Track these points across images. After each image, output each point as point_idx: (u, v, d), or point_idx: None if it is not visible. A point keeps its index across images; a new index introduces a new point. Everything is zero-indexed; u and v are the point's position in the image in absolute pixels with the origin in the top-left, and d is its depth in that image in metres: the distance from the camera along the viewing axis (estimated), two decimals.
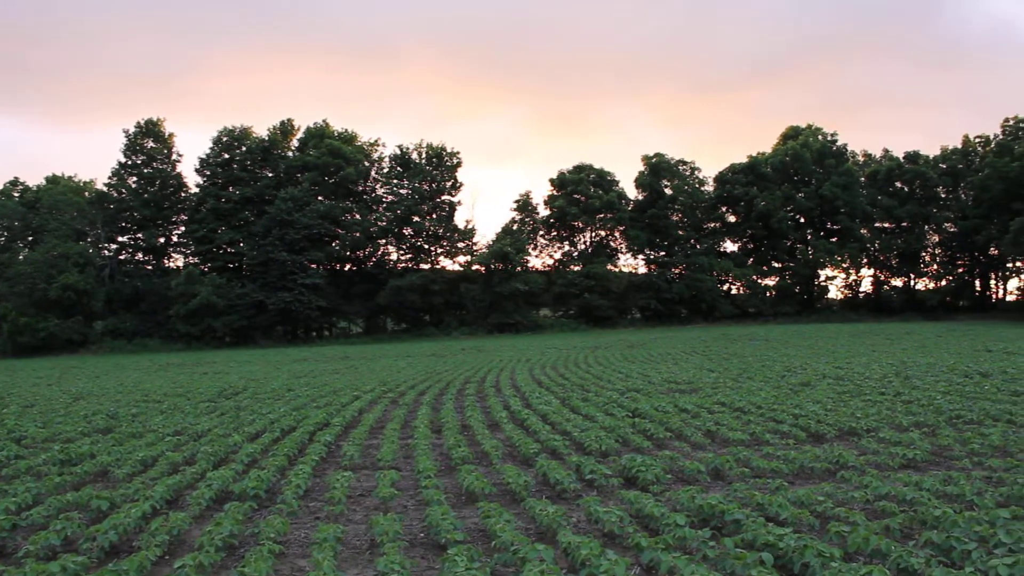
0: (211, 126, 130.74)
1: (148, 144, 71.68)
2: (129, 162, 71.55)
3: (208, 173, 72.38)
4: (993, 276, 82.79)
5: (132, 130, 71.14)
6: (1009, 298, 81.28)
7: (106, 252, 71.20)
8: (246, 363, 41.76)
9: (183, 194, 73.46)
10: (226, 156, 72.90)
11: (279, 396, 23.42)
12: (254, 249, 68.68)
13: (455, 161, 77.66)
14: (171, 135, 72.51)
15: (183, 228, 73.34)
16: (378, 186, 78.21)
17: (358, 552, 8.40)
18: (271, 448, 14.31)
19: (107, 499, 9.91)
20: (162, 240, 73.23)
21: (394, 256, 77.10)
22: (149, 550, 7.71)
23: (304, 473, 11.47)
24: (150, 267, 73.00)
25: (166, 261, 74.18)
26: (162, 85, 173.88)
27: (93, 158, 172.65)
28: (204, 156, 72.52)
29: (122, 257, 72.69)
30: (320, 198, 72.59)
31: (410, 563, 7.52)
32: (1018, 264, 76.06)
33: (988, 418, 14.47)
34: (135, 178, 71.64)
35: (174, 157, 72.91)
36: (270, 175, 74.46)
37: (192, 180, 73.60)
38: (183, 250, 74.13)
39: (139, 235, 71.83)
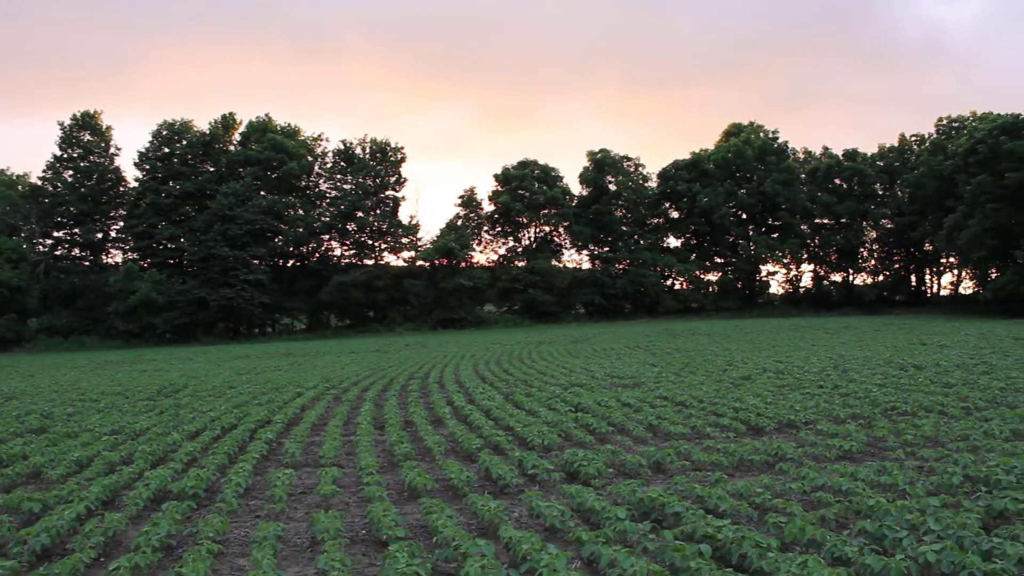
0: (151, 120, 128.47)
1: (85, 137, 70.12)
2: (65, 155, 69.83)
3: (148, 167, 70.96)
4: (928, 272, 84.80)
5: (68, 123, 69.52)
6: (943, 293, 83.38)
7: (41, 248, 69.49)
8: (187, 360, 41.15)
9: (122, 188, 71.95)
10: (166, 150, 71.61)
11: (220, 393, 23.12)
12: (195, 245, 67.58)
13: (399, 156, 77.33)
14: (109, 128, 71.01)
15: (122, 223, 71.77)
16: (321, 181, 77.48)
17: (299, 550, 8.34)
18: (211, 446, 14.13)
19: (39, 501, 9.69)
20: (100, 236, 71.61)
21: (337, 252, 76.53)
22: (83, 552, 7.57)
23: (245, 471, 11.36)
24: (87, 263, 71.39)
25: (104, 257, 72.63)
26: (100, 79, 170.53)
27: (27, 152, 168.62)
28: (143, 150, 71.15)
29: (58, 253, 70.85)
30: (262, 193, 71.74)
31: (351, 560, 7.50)
32: (951, 260, 77.88)
33: (921, 410, 14.81)
34: (71, 172, 69.95)
35: (112, 151, 71.40)
36: (211, 169, 73.24)
37: (131, 174, 72.25)
38: (122, 246, 72.62)
39: (75, 230, 70.07)
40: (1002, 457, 10.21)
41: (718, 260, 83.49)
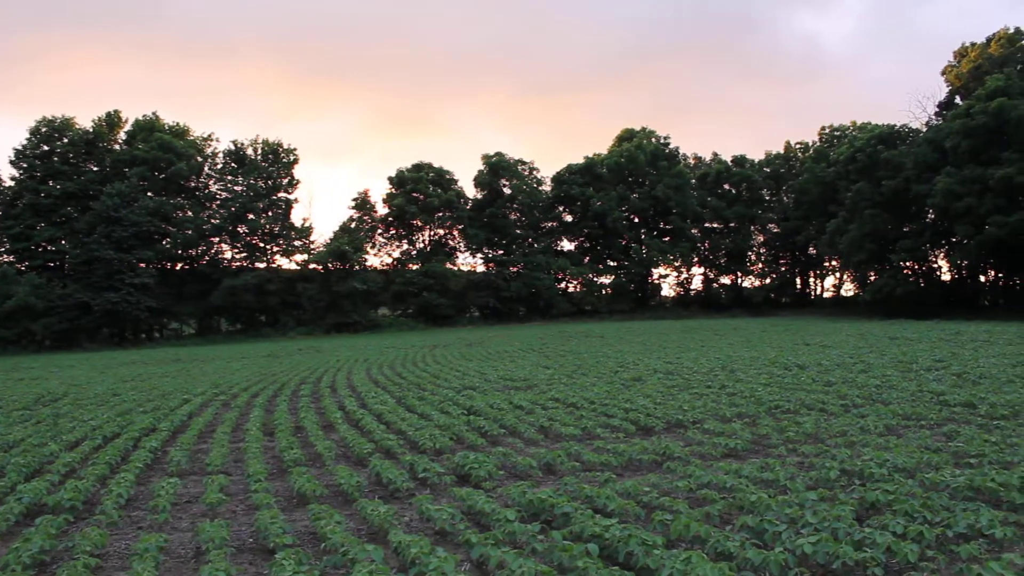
0: (27, 120, 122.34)
1: None
2: None
3: (25, 166, 67.83)
4: (812, 274, 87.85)
5: None
6: (826, 295, 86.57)
7: None
8: (68, 368, 39.62)
9: None
10: (45, 148, 68.60)
11: (103, 401, 22.33)
12: (77, 247, 65.05)
13: (292, 158, 75.98)
14: None
15: None
16: (211, 182, 75.45)
17: (183, 561, 8.13)
18: (92, 456, 13.66)
19: None
20: None
21: (228, 254, 74.66)
22: None
23: (127, 481, 11.00)
24: None
25: None
26: None
27: None
28: (20, 147, 68.08)
29: None
30: (149, 194, 69.54)
31: (237, 570, 7.34)
32: (834, 263, 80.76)
33: (803, 407, 15.31)
34: None
35: None
36: (95, 169, 70.59)
37: (6, 173, 69.18)
38: None
39: None
40: (876, 451, 10.66)
41: (611, 263, 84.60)
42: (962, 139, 52.81)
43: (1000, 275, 61.76)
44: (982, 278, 64.18)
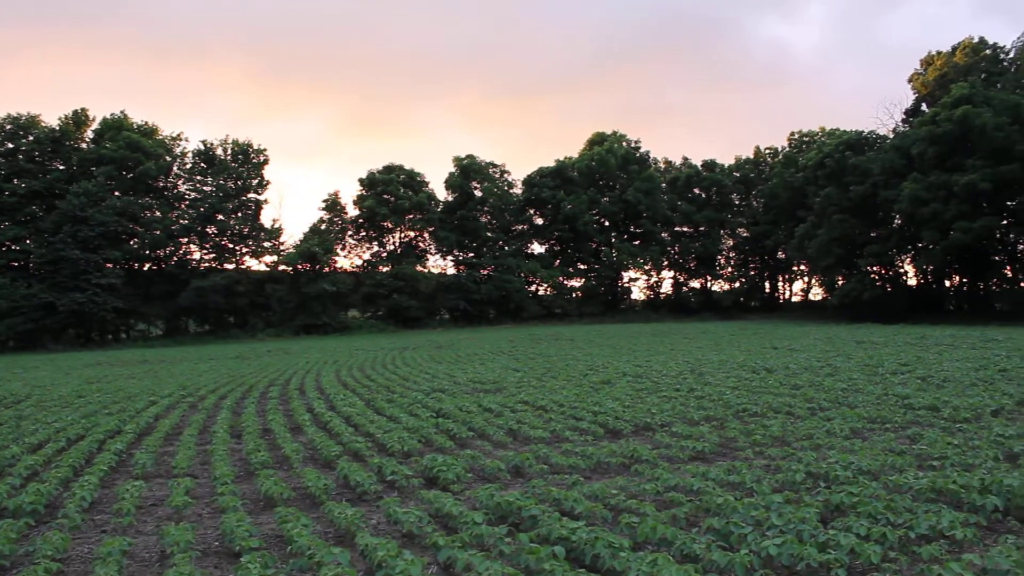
0: None
1: None
2: None
3: None
4: (781, 278, 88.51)
5: None
6: (794, 299, 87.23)
7: None
8: (32, 369, 39.11)
9: None
10: (10, 146, 67.64)
11: (67, 403, 22.07)
12: (42, 247, 64.22)
13: (262, 158, 75.44)
14: None
15: None
16: (180, 182, 74.65)
17: (147, 565, 8.05)
18: (55, 459, 13.48)
19: None
20: None
21: (197, 255, 73.90)
22: None
23: (90, 484, 10.88)
24: None
25: None
26: None
27: None
28: None
29: None
30: (117, 193, 68.73)
31: (201, 573, 7.29)
32: (802, 267, 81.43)
33: (770, 411, 15.43)
34: None
35: None
36: (61, 168, 69.65)
37: None
38: None
39: None
40: (841, 454, 10.77)
41: (581, 266, 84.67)
42: (928, 146, 53.50)
43: (964, 280, 62.55)
44: (947, 283, 65.00)
